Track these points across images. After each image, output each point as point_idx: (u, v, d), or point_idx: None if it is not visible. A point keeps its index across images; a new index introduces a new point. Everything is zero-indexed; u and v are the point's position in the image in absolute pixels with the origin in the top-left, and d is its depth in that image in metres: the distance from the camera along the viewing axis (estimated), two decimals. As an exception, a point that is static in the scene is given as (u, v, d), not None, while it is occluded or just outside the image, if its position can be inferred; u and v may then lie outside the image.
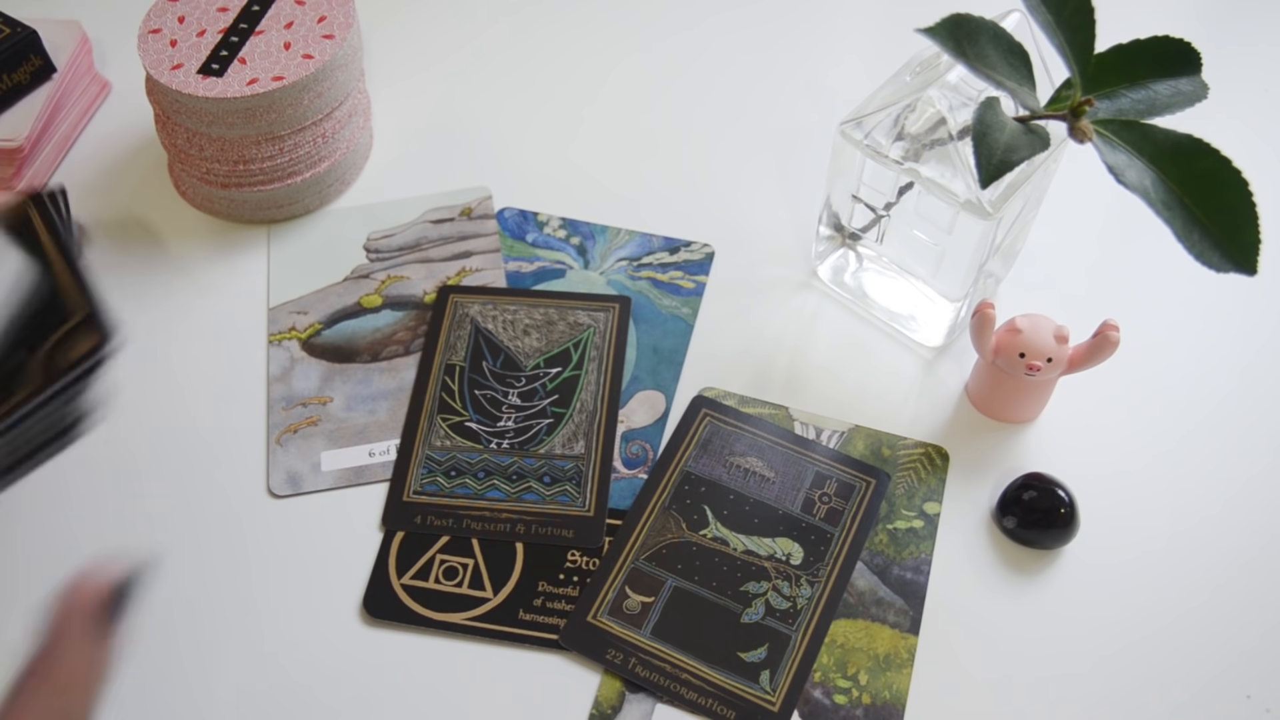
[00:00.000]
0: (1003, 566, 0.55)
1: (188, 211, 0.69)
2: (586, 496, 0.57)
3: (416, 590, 0.54)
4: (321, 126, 0.65)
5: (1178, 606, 0.54)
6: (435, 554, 0.55)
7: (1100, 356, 0.55)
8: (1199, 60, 0.52)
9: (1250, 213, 0.48)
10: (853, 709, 0.51)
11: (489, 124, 0.74)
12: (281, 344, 0.63)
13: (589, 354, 0.62)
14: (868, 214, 0.60)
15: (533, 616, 0.53)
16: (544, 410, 0.60)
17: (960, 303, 0.60)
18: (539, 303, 0.64)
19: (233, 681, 0.51)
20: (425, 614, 0.53)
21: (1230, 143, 0.49)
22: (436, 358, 0.61)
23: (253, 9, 0.66)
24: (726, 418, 0.59)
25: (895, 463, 0.58)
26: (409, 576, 0.54)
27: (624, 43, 0.79)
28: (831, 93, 0.74)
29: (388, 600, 0.53)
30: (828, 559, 0.55)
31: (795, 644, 0.52)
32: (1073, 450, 0.59)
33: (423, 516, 0.56)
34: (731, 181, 0.71)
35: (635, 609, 0.53)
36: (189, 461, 0.58)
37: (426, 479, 0.57)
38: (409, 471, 0.57)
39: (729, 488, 0.57)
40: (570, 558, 0.55)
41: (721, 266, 0.66)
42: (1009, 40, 0.51)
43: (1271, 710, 0.51)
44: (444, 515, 0.56)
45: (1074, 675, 0.52)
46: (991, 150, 0.48)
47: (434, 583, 0.54)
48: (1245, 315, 0.65)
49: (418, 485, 0.57)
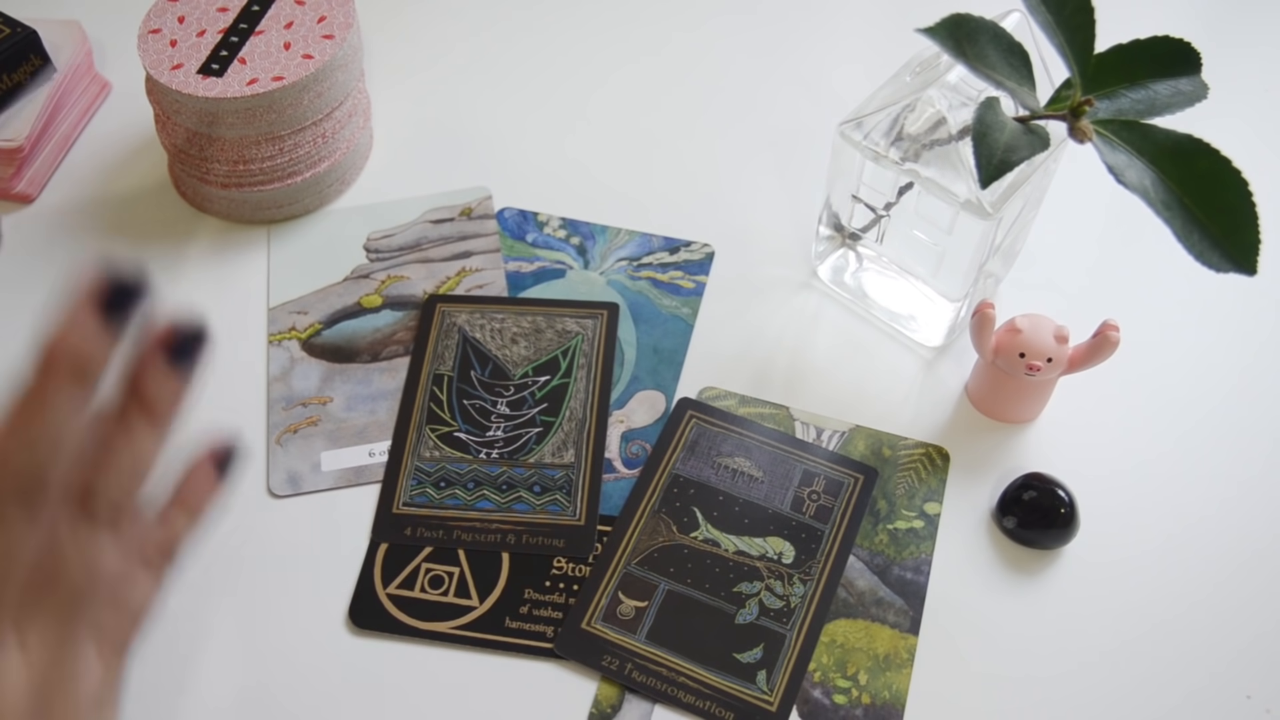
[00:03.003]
0: (1003, 566, 0.55)
1: (188, 211, 0.69)
2: (577, 505, 0.57)
3: (402, 599, 0.53)
4: (321, 126, 0.65)
5: (1178, 606, 0.54)
6: (421, 563, 0.55)
7: (1100, 356, 0.55)
8: (1199, 60, 0.52)
9: (1250, 213, 0.48)
10: (852, 709, 0.51)
11: (489, 124, 0.74)
12: (281, 344, 0.63)
13: (578, 361, 0.62)
14: (868, 214, 0.60)
15: (520, 624, 0.53)
16: (533, 419, 0.60)
17: (960, 303, 0.60)
18: (526, 311, 0.64)
19: (230, 683, 0.51)
20: (411, 623, 0.53)
21: (1230, 143, 0.49)
22: (424, 368, 0.61)
23: (253, 9, 0.66)
24: (713, 419, 0.59)
25: (895, 463, 0.58)
26: (395, 586, 0.54)
27: (625, 43, 0.79)
28: (831, 93, 0.74)
29: (373, 610, 0.53)
30: (819, 556, 0.55)
31: (791, 643, 0.52)
32: (1073, 450, 0.59)
33: (413, 528, 0.56)
34: (732, 181, 0.71)
35: (629, 614, 0.53)
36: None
37: (416, 490, 0.57)
38: (398, 483, 0.57)
39: (718, 489, 0.57)
40: (556, 565, 0.55)
41: (721, 266, 0.66)
42: (1009, 40, 0.51)
43: (1271, 710, 0.51)
44: (434, 527, 0.56)
45: (1074, 675, 0.52)
46: (991, 150, 0.48)
47: (420, 591, 0.54)
48: (1245, 315, 0.65)
49: (407, 497, 0.57)
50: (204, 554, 0.55)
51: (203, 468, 0.45)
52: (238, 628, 0.53)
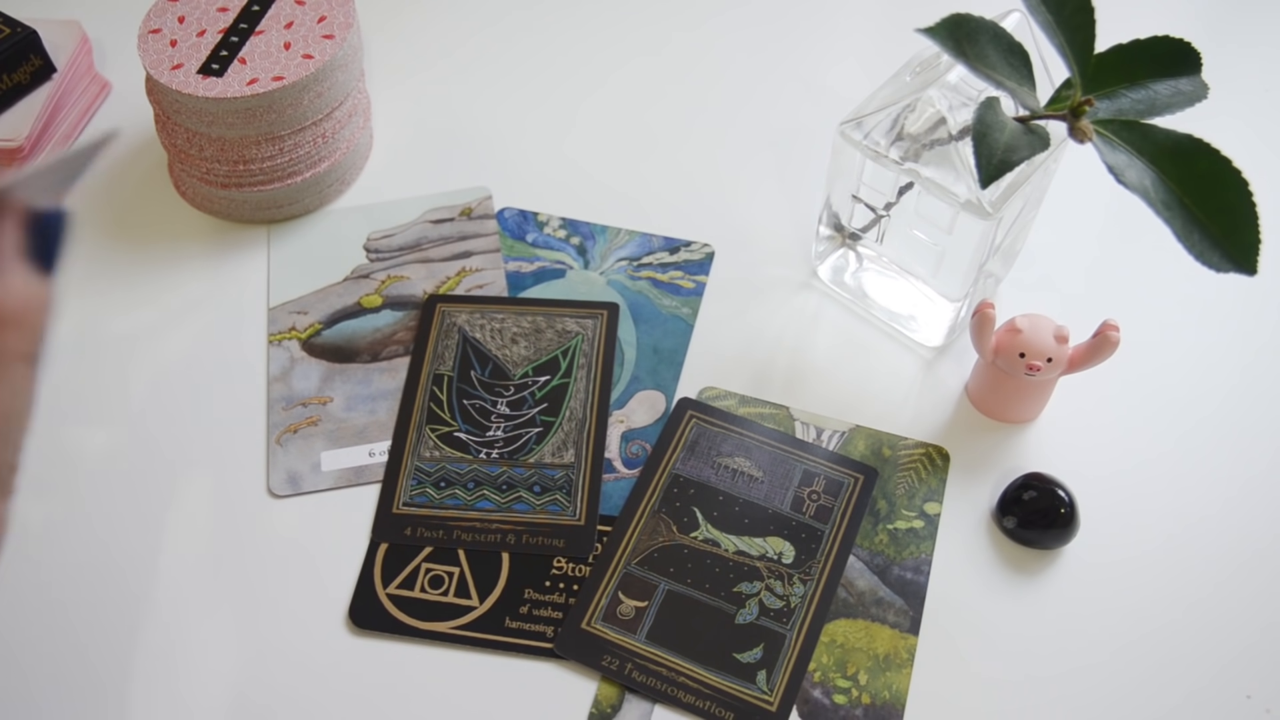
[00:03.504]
0: (1003, 566, 0.55)
1: (188, 211, 0.69)
2: (577, 505, 0.56)
3: (402, 599, 0.53)
4: (321, 126, 0.65)
5: (1178, 606, 0.54)
6: (421, 563, 0.55)
7: (1100, 356, 0.55)
8: (1199, 60, 0.52)
9: (1250, 213, 0.48)
10: (852, 709, 0.51)
11: (489, 124, 0.74)
12: (281, 344, 0.63)
13: (578, 361, 0.62)
14: (868, 214, 0.60)
15: (520, 624, 0.53)
16: (533, 419, 0.60)
17: (960, 303, 0.60)
18: (526, 311, 0.64)
19: (231, 683, 0.51)
20: (411, 623, 0.53)
21: (1230, 143, 0.49)
22: (424, 368, 0.61)
23: (253, 9, 0.66)
24: (713, 419, 0.59)
25: (895, 463, 0.58)
26: (395, 585, 0.54)
27: (625, 43, 0.79)
28: (831, 93, 0.74)
29: (373, 610, 0.53)
30: (819, 556, 0.55)
31: (790, 643, 0.52)
32: (1073, 450, 0.59)
33: (413, 528, 0.56)
34: (732, 181, 0.71)
35: (629, 614, 0.53)
36: (190, 461, 0.58)
37: (416, 490, 0.57)
38: (398, 483, 0.57)
39: (718, 489, 0.57)
40: (556, 564, 0.55)
41: (721, 266, 0.66)
42: (1009, 40, 0.51)
43: (1271, 710, 0.51)
44: (434, 527, 0.56)
45: (1074, 675, 0.52)
46: (991, 150, 0.48)
47: (420, 591, 0.54)
48: (1245, 315, 0.65)
49: (407, 497, 0.57)
50: (204, 554, 0.55)
51: None
52: (238, 628, 0.53)
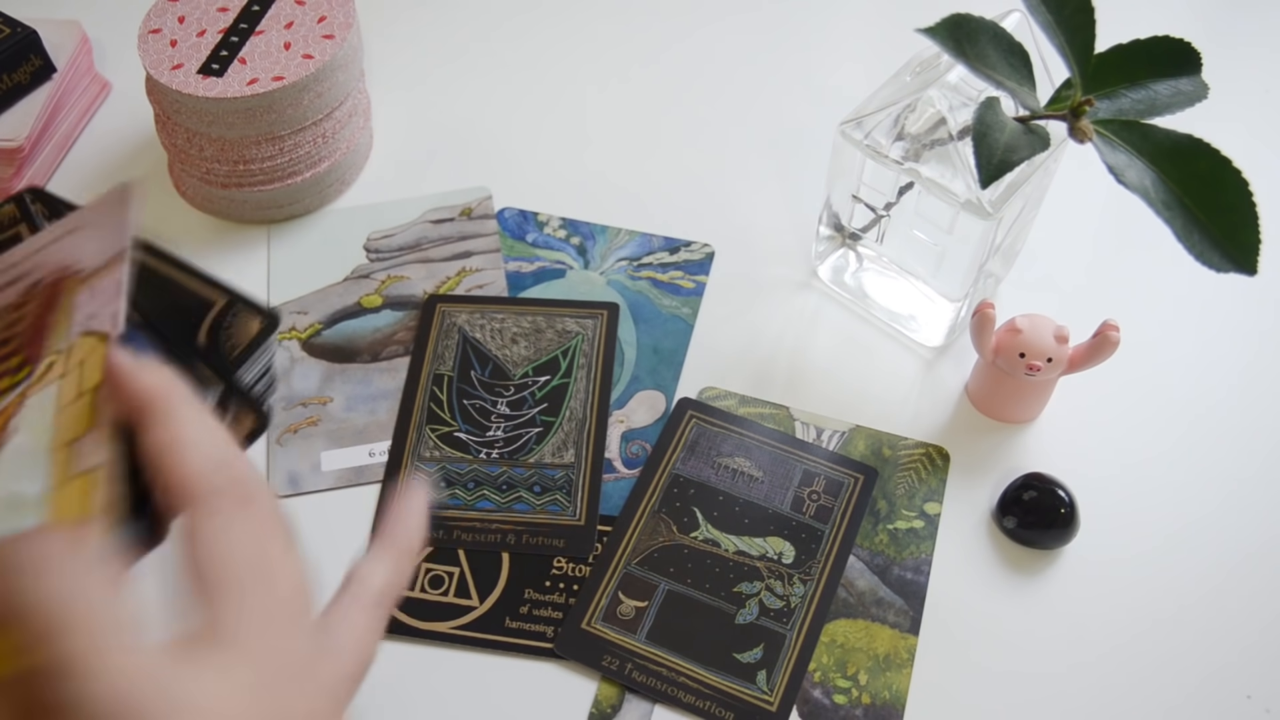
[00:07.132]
0: (1003, 566, 0.55)
1: (188, 211, 0.69)
2: (577, 505, 0.56)
3: (402, 599, 0.53)
4: (321, 126, 0.65)
5: (1178, 606, 0.54)
6: (421, 563, 0.55)
7: (1100, 356, 0.55)
8: (1199, 60, 0.52)
9: (1250, 213, 0.48)
10: (852, 709, 0.51)
11: (489, 124, 0.74)
12: (281, 344, 0.63)
13: (578, 361, 0.62)
14: (868, 214, 0.60)
15: (520, 624, 0.53)
16: (533, 419, 0.60)
17: (960, 303, 0.60)
18: (526, 311, 0.64)
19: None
20: (411, 623, 0.53)
21: (1230, 143, 0.49)
22: (424, 368, 0.61)
23: (253, 9, 0.66)
24: (713, 419, 0.59)
25: (895, 463, 0.58)
26: None
27: (625, 43, 0.79)
28: (832, 93, 0.74)
29: None
30: (819, 556, 0.55)
31: (791, 643, 0.52)
32: (1073, 450, 0.59)
33: None
34: (732, 181, 0.71)
35: (629, 614, 0.53)
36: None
37: None
38: (398, 483, 0.57)
39: (718, 489, 0.57)
40: (556, 564, 0.55)
41: (722, 266, 0.66)
42: (1009, 40, 0.51)
43: (1271, 710, 0.51)
44: (435, 527, 0.56)
45: (1074, 674, 0.52)
46: (991, 150, 0.48)
47: (420, 591, 0.54)
48: (1245, 315, 0.65)
49: None
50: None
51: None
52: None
